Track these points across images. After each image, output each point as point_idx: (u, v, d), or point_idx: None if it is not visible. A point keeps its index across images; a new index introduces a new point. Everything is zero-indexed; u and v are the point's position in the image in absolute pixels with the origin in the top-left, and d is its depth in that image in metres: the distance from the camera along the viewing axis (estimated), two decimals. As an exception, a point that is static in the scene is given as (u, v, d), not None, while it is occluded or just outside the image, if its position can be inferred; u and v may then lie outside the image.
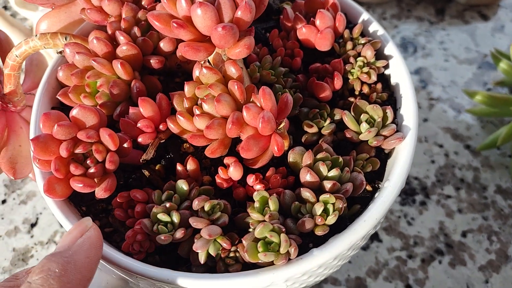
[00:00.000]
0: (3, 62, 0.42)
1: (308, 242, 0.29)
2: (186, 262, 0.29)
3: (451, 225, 0.48)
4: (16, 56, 0.36)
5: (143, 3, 0.36)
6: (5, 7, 0.72)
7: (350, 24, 0.39)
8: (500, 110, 0.50)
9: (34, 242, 0.48)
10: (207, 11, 0.28)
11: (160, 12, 0.31)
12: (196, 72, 0.32)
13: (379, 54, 0.37)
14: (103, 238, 0.29)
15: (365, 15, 0.38)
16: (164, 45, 0.35)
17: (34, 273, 0.24)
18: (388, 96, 0.35)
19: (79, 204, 0.32)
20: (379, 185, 0.32)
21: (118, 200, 0.30)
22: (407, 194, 0.50)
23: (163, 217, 0.28)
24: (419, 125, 0.53)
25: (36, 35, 0.35)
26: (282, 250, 0.27)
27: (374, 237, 0.47)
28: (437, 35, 0.63)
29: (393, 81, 0.36)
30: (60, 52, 0.37)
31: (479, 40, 0.63)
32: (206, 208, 0.29)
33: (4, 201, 0.51)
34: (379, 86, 0.35)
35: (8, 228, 0.49)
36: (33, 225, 0.49)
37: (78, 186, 0.29)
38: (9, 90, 0.38)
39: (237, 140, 0.31)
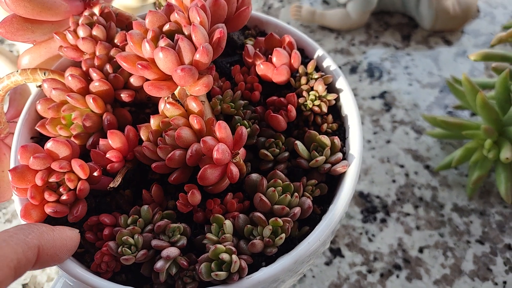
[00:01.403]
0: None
1: (261, 261, 0.33)
2: (149, 280, 0.32)
3: (409, 241, 0.51)
4: (-1, 89, 0.39)
5: (115, 41, 0.40)
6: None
7: (307, 58, 0.43)
8: (455, 133, 0.54)
9: None
10: (167, 55, 0.32)
11: (127, 53, 0.34)
12: (161, 107, 0.36)
13: (332, 88, 0.40)
14: (75, 259, 0.33)
15: (319, 51, 0.41)
16: (134, 81, 0.38)
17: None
18: (338, 126, 0.39)
19: (53, 227, 0.35)
20: (328, 207, 0.35)
21: (89, 224, 0.33)
22: (369, 212, 0.53)
23: (127, 240, 0.31)
24: (381, 147, 0.57)
25: (17, 71, 0.39)
26: (233, 269, 0.30)
27: (337, 252, 0.50)
28: (402, 60, 0.67)
29: (343, 112, 0.39)
30: (39, 86, 0.40)
31: (441, 65, 0.67)
32: (167, 231, 0.32)
33: (-11, 220, 0.54)
34: (330, 117, 0.39)
35: None
36: None
37: (51, 211, 0.32)
38: (-8, 120, 0.41)
39: (198, 168, 0.35)
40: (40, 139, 0.40)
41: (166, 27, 0.34)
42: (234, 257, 0.30)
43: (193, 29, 0.32)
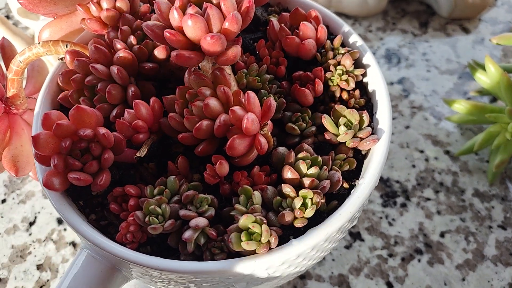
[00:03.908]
0: (7, 68, 0.44)
1: (289, 234, 0.32)
2: (175, 252, 0.32)
3: (430, 226, 0.50)
4: (20, 62, 0.39)
5: (139, 14, 0.39)
6: (8, 17, 0.74)
7: (332, 35, 0.42)
8: (477, 118, 0.53)
9: (32, 239, 0.51)
10: (197, 22, 0.31)
11: (154, 22, 0.33)
12: (187, 78, 0.35)
13: (358, 63, 0.40)
14: (100, 231, 0.32)
15: (345, 27, 0.41)
16: (158, 53, 0.37)
17: None
18: (366, 102, 0.38)
19: (76, 198, 0.34)
20: (356, 182, 0.35)
21: (113, 195, 0.33)
22: (389, 196, 0.52)
23: (154, 209, 0.30)
24: (400, 132, 0.57)
25: (39, 43, 0.38)
26: (263, 239, 0.29)
27: (357, 236, 0.49)
28: (420, 47, 0.67)
29: (370, 88, 0.39)
30: (61, 59, 0.39)
31: (460, 52, 0.66)
32: (194, 201, 0.31)
33: (4, 201, 0.53)
34: (357, 92, 0.38)
35: (7, 226, 0.52)
36: (31, 224, 0.51)
37: (74, 179, 0.31)
38: (12, 94, 0.40)
39: (224, 140, 0.34)
40: (62, 112, 0.39)
41: (194, -4, 0.33)
42: (264, 227, 0.29)
43: (222, -3, 0.32)
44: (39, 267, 0.49)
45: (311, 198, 0.31)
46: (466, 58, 0.65)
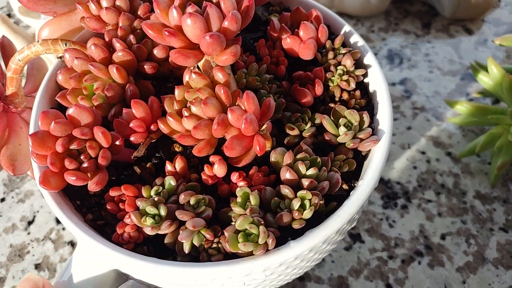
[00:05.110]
0: (6, 66, 0.44)
1: (287, 236, 0.31)
2: (172, 253, 0.31)
3: (431, 228, 0.50)
4: (19, 60, 0.38)
5: (139, 12, 0.39)
6: (9, 15, 0.74)
7: (333, 35, 0.42)
8: (479, 119, 0.53)
9: (30, 238, 0.51)
10: (196, 21, 0.31)
11: (153, 21, 0.33)
12: (186, 77, 0.35)
13: (359, 64, 0.39)
14: (96, 231, 0.32)
15: (346, 27, 0.40)
16: (157, 52, 0.37)
17: None
18: (366, 103, 0.38)
19: (73, 198, 0.34)
20: (355, 184, 0.34)
21: (110, 194, 0.33)
22: (389, 198, 0.52)
23: (151, 209, 0.30)
24: (402, 133, 0.56)
25: (38, 41, 0.38)
26: (261, 241, 0.29)
27: (357, 238, 0.49)
28: (422, 47, 0.66)
29: (371, 88, 0.38)
30: (60, 57, 0.39)
31: (462, 53, 0.66)
32: (192, 202, 0.31)
33: (3, 199, 0.53)
34: (357, 93, 0.38)
35: (6, 225, 0.52)
36: (30, 223, 0.51)
37: (71, 179, 0.31)
38: (11, 92, 0.40)
39: (222, 141, 0.34)
40: (60, 110, 0.39)
41: (193, -6, 0.33)
42: (262, 228, 0.29)
43: (222, -4, 0.31)
44: (37, 266, 0.49)
45: (310, 199, 0.30)
46: (468, 59, 0.65)
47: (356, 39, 0.40)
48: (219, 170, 0.32)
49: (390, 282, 0.46)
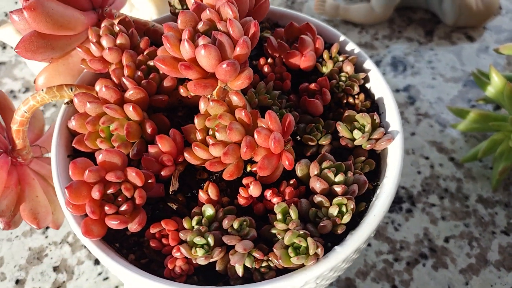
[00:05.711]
0: (4, 118, 0.43)
1: (326, 242, 0.33)
2: (222, 278, 0.32)
3: (434, 231, 0.52)
4: (25, 111, 0.38)
5: (139, 48, 0.39)
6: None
7: (326, 44, 0.43)
8: (481, 126, 0.55)
9: (48, 242, 0.52)
10: (211, 52, 0.32)
11: (164, 56, 0.34)
12: (202, 105, 0.36)
13: (357, 69, 0.41)
14: (141, 269, 0.32)
15: (341, 37, 0.43)
16: (167, 84, 0.38)
17: None
18: (371, 104, 0.40)
19: (111, 241, 0.34)
20: (377, 183, 0.36)
21: (151, 232, 0.33)
22: (395, 202, 0.54)
23: (199, 240, 0.31)
24: (406, 139, 0.59)
25: (42, 90, 0.38)
26: (311, 252, 0.30)
27: (364, 240, 0.51)
28: (425, 54, 0.69)
29: (373, 90, 0.40)
30: (68, 103, 0.39)
31: (464, 60, 0.69)
32: (235, 225, 0.32)
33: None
34: (362, 96, 0.40)
35: (24, 229, 0.53)
36: (47, 227, 0.52)
37: (113, 223, 0.31)
38: (19, 144, 0.39)
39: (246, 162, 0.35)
40: (75, 156, 0.38)
41: (200, 25, 0.33)
42: (310, 240, 0.30)
43: (230, 24, 0.32)
44: (55, 268, 0.50)
45: (346, 205, 0.32)
46: (470, 66, 0.68)
47: (351, 46, 0.42)
48: (255, 190, 0.33)
49: (396, 283, 0.49)
